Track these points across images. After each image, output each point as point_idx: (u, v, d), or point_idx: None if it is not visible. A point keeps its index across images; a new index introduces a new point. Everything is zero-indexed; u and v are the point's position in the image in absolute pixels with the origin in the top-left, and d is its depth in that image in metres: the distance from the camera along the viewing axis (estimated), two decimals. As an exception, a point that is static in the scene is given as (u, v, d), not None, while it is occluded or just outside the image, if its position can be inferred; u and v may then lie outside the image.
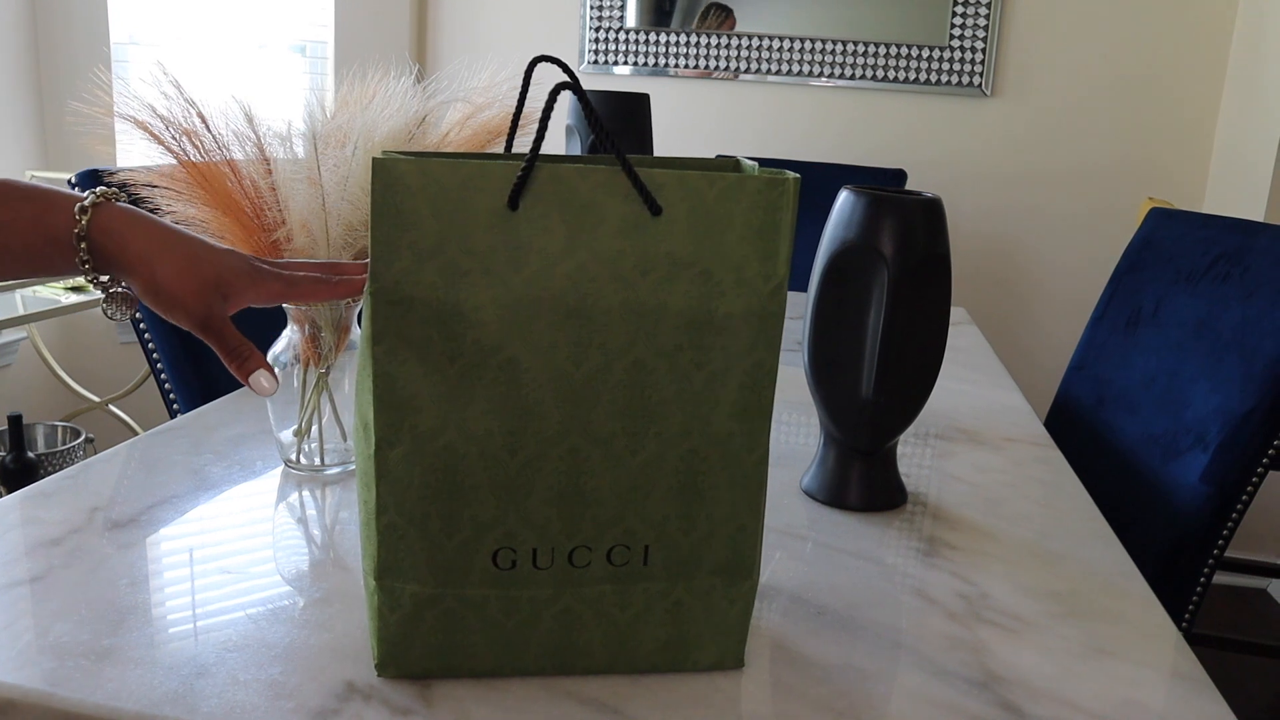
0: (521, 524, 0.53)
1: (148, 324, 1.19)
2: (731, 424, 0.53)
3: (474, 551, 0.53)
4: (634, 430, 0.52)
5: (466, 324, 0.50)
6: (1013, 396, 1.20)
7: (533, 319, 0.50)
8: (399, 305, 0.49)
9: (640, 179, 0.50)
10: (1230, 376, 1.08)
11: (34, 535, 0.69)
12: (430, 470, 0.51)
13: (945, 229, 0.78)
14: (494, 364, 0.50)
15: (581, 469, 0.52)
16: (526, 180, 0.49)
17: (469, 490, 0.52)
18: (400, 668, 0.54)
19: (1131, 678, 0.59)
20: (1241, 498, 1.04)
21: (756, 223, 0.51)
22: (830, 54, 2.29)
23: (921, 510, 0.84)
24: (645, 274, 0.51)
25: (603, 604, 0.55)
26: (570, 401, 0.51)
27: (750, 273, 0.52)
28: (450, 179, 0.48)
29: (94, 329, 2.46)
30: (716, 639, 0.57)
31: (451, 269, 0.49)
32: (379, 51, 2.40)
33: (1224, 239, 1.22)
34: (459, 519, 0.52)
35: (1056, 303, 2.36)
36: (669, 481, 0.53)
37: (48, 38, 2.29)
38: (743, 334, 0.52)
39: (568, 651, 0.55)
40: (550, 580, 0.54)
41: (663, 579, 0.55)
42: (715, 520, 0.55)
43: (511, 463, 0.52)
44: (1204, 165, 2.26)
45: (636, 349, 0.51)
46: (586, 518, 0.53)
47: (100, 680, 0.52)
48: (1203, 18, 2.19)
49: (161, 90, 0.75)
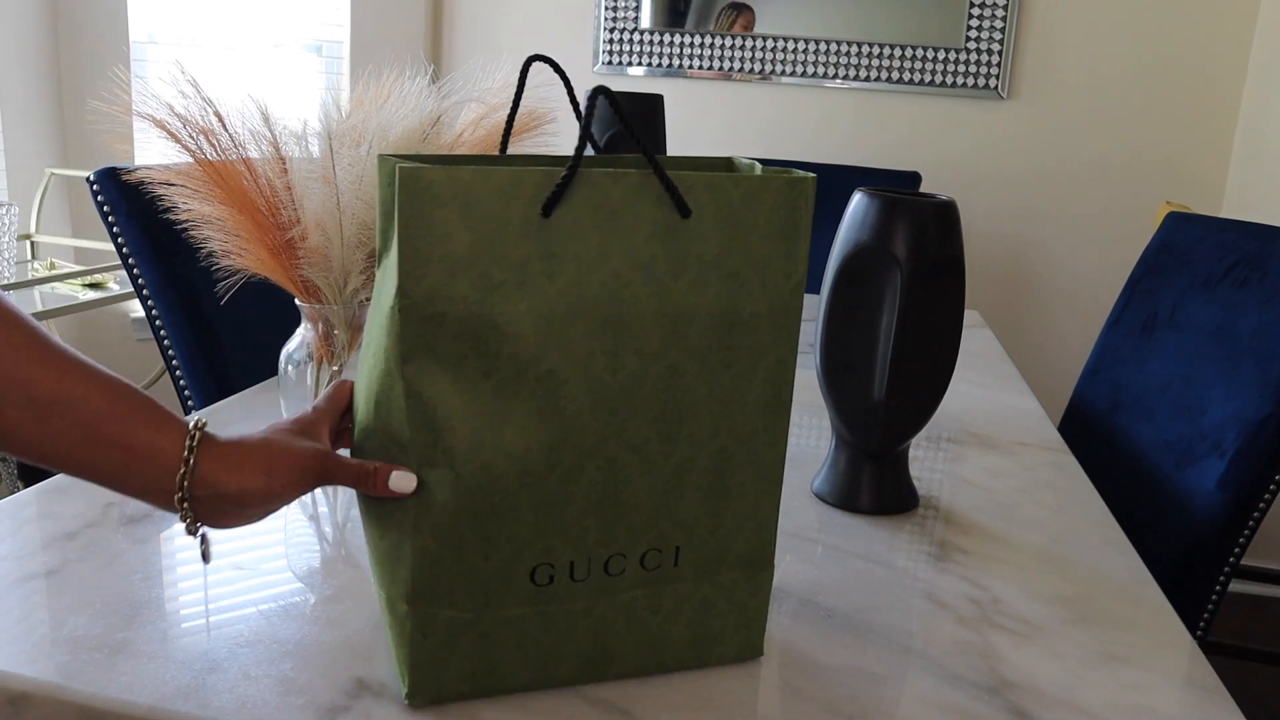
0: (559, 538, 0.52)
1: (163, 321, 1.20)
2: (756, 421, 0.54)
3: (512, 572, 0.51)
4: (667, 434, 0.52)
5: (502, 337, 0.48)
6: (1026, 400, 1.19)
7: (569, 328, 0.49)
8: (430, 322, 0.47)
9: (671, 181, 0.49)
10: (1248, 383, 1.07)
11: (49, 529, 0.70)
12: (467, 492, 0.49)
13: (959, 231, 0.78)
14: (531, 377, 0.49)
15: (618, 477, 0.52)
16: (567, 187, 0.47)
17: (506, 510, 0.50)
18: (432, 694, 0.52)
19: (1144, 685, 0.59)
20: (1258, 505, 1.03)
21: (779, 222, 0.52)
22: (845, 55, 2.28)
23: (933, 514, 0.83)
24: (677, 277, 0.51)
25: (635, 609, 0.54)
26: (608, 410, 0.51)
27: (774, 271, 0.52)
28: (482, 188, 0.46)
29: (110, 325, 2.48)
30: (739, 631, 0.57)
31: (485, 281, 0.47)
32: (394, 51, 2.41)
33: (1242, 244, 1.21)
34: (497, 540, 0.50)
35: (1071, 306, 2.34)
36: (699, 482, 0.54)
37: (68, 37, 2.31)
38: (766, 331, 0.53)
39: (600, 660, 0.55)
40: (586, 592, 0.53)
41: (691, 578, 0.55)
42: (741, 516, 0.56)
43: (550, 478, 0.50)
44: (1222, 169, 2.24)
45: (670, 353, 0.51)
46: (622, 525, 0.53)
47: (113, 674, 0.53)
48: (1222, 20, 2.17)
49: (179, 89, 0.76)
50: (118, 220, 1.17)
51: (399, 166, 0.46)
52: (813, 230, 2.09)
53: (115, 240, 1.17)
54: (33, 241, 2.21)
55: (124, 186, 1.16)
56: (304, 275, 0.79)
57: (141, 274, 1.18)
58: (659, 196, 0.49)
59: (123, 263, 1.18)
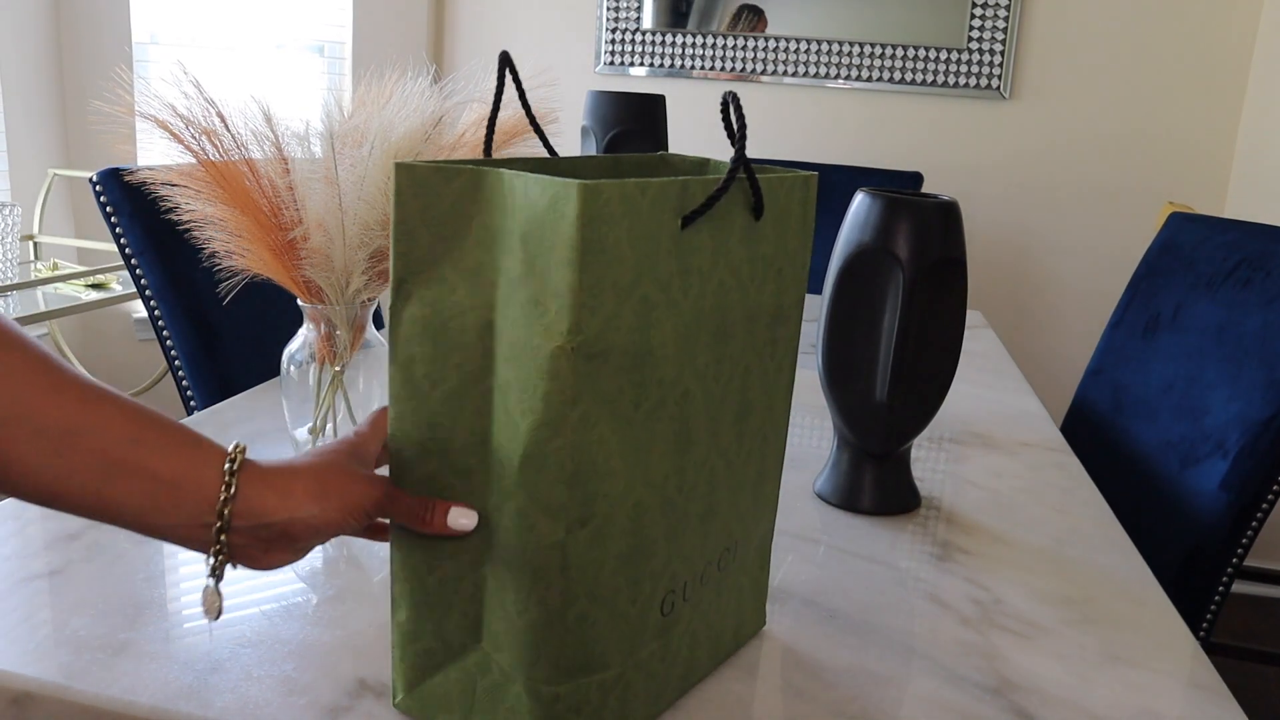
0: (682, 562, 0.49)
1: (166, 321, 1.20)
2: (782, 403, 0.56)
3: (649, 608, 0.48)
4: (741, 433, 0.53)
5: (654, 363, 0.44)
6: (1028, 401, 1.19)
7: (695, 343, 0.46)
8: (598, 359, 0.41)
9: (759, 185, 0.50)
10: (1251, 383, 1.07)
11: (53, 530, 0.70)
12: (622, 537, 0.45)
13: (961, 232, 0.78)
14: (671, 400, 0.45)
15: (715, 485, 0.51)
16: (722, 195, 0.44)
17: (649, 544, 0.46)
18: None
19: (1147, 686, 0.58)
20: (1261, 506, 1.03)
21: (802, 217, 0.54)
22: (847, 56, 2.28)
23: (935, 515, 0.83)
24: (753, 278, 0.51)
25: (709, 612, 0.54)
26: (712, 419, 0.49)
27: (799, 264, 0.55)
28: (642, 201, 0.41)
29: (113, 326, 2.49)
30: (754, 607, 0.59)
31: (644, 305, 0.43)
32: (396, 52, 2.41)
33: (1246, 244, 1.21)
34: (641, 581, 0.46)
35: (1074, 307, 2.34)
36: (750, 472, 0.55)
37: (71, 37, 2.31)
38: (794, 321, 0.55)
39: (691, 672, 0.53)
40: (690, 609, 0.51)
41: (736, 570, 0.56)
42: (769, 499, 0.57)
43: (679, 501, 0.48)
44: (1225, 169, 2.23)
45: (747, 354, 0.52)
46: (716, 533, 0.52)
47: (116, 674, 0.53)
48: (1225, 20, 2.17)
49: (182, 90, 0.76)
50: (120, 221, 1.17)
51: (578, 184, 0.39)
52: (815, 231, 2.09)
53: (118, 241, 1.17)
54: (35, 242, 2.21)
55: (127, 187, 1.16)
56: (306, 276, 0.79)
57: (144, 274, 1.18)
58: (745, 199, 0.49)
59: (125, 263, 1.18)
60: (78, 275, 2.00)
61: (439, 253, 0.43)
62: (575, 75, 2.46)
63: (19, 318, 1.78)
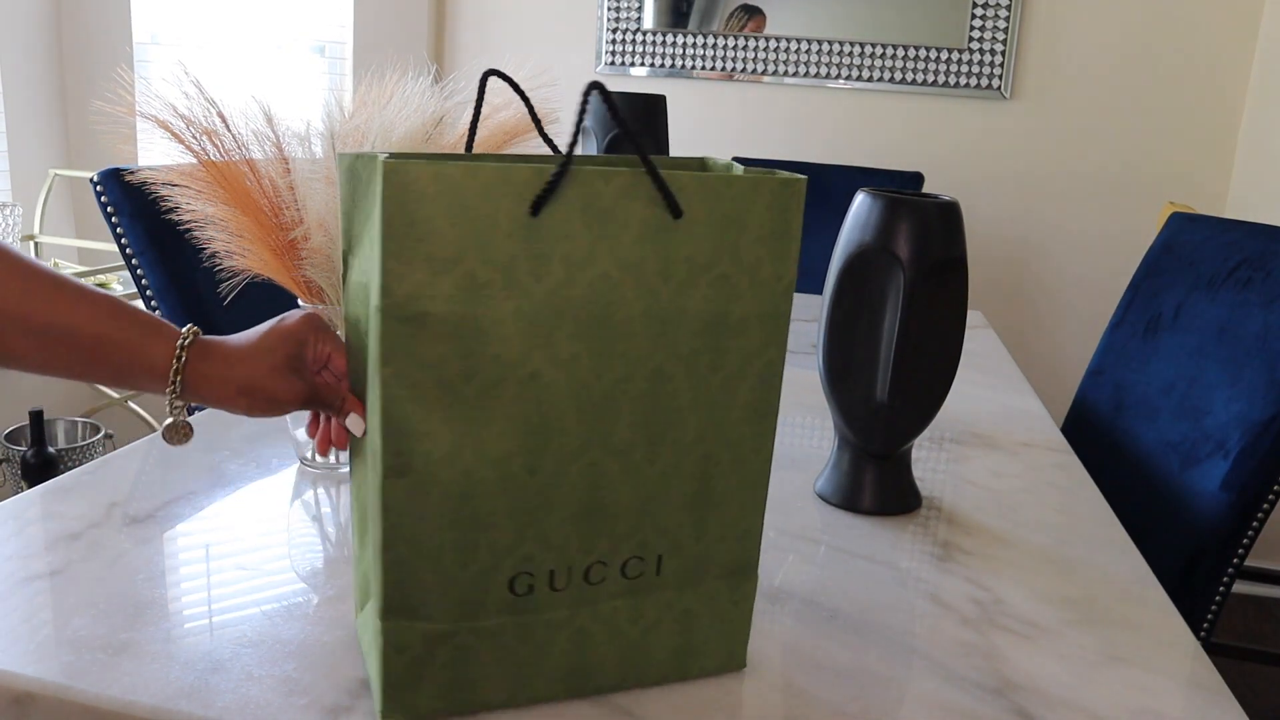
0: (540, 546, 0.51)
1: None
2: (744, 426, 0.53)
3: (490, 581, 0.50)
4: (652, 439, 0.51)
5: (486, 339, 0.47)
6: (1029, 401, 1.19)
7: (555, 330, 0.48)
8: (411, 323, 0.46)
9: (664, 181, 0.48)
10: (1252, 383, 1.07)
11: (54, 530, 0.70)
12: (445, 499, 0.48)
13: (962, 232, 0.78)
14: (515, 380, 0.48)
15: (600, 483, 0.51)
16: (557, 185, 0.46)
17: (485, 516, 0.49)
18: (408, 712, 0.51)
19: (1148, 686, 0.58)
20: (1262, 506, 1.03)
21: (770, 224, 0.51)
22: (848, 56, 2.28)
23: (936, 515, 0.83)
24: (667, 279, 0.50)
25: (616, 619, 0.53)
26: (592, 414, 0.50)
27: (764, 274, 0.52)
28: (469, 184, 0.45)
29: (114, 326, 2.48)
30: (722, 642, 0.56)
31: (470, 281, 0.46)
32: (397, 52, 2.41)
33: (1246, 244, 1.21)
34: (475, 548, 0.49)
35: (1074, 307, 2.34)
36: (684, 488, 0.53)
37: (71, 37, 2.32)
38: (756, 335, 0.52)
39: (580, 673, 0.54)
40: (566, 601, 0.52)
41: (673, 587, 0.54)
42: (725, 524, 0.54)
43: (531, 483, 0.49)
44: (1226, 169, 2.23)
45: (657, 356, 0.50)
46: (604, 533, 0.52)
47: (117, 674, 0.53)
48: (1226, 20, 2.17)
49: (182, 90, 0.76)
50: (121, 221, 1.17)
51: (383, 161, 0.44)
52: (815, 231, 2.09)
53: (119, 241, 1.17)
54: (36, 242, 2.21)
55: (127, 187, 1.16)
56: (306, 275, 0.79)
57: (145, 274, 1.18)
58: (651, 196, 0.48)
59: (126, 263, 1.18)
60: (79, 275, 2.00)
61: (359, 230, 0.51)
62: (575, 75, 2.46)
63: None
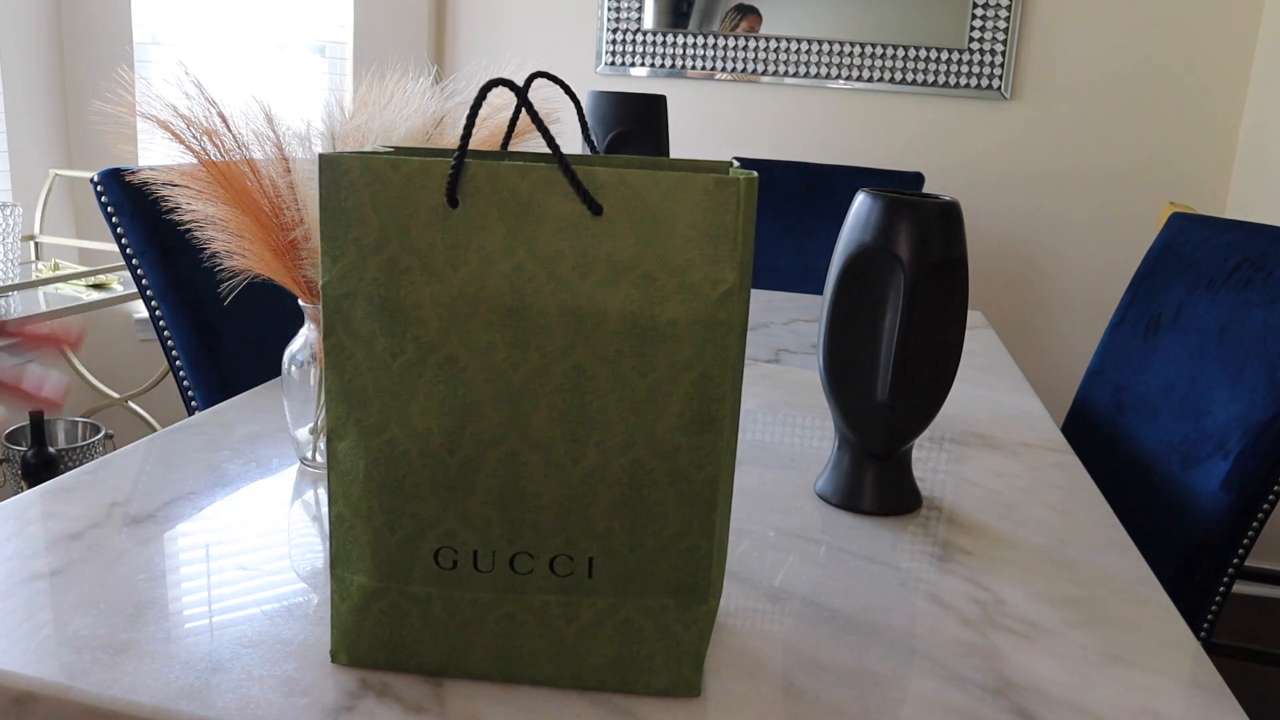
0: (462, 524, 0.53)
1: (167, 322, 1.20)
2: (678, 437, 0.51)
3: (416, 548, 0.53)
4: (575, 437, 0.51)
5: (407, 321, 0.51)
6: (1030, 401, 1.19)
7: (470, 317, 0.51)
8: (345, 300, 0.51)
9: (578, 177, 0.48)
10: (1252, 384, 1.07)
11: (54, 530, 0.70)
12: (374, 464, 0.52)
13: (962, 232, 0.78)
14: (434, 361, 0.51)
15: (521, 473, 0.52)
16: (459, 176, 0.49)
17: (410, 487, 0.52)
18: (351, 656, 0.55)
19: (1149, 687, 0.58)
20: (1263, 506, 1.03)
21: (704, 225, 0.49)
22: (848, 56, 2.28)
23: (936, 515, 0.83)
24: (584, 276, 0.49)
25: (548, 614, 0.54)
26: (509, 403, 0.51)
27: (696, 277, 0.49)
28: (393, 176, 0.49)
29: (114, 327, 2.49)
30: (669, 663, 0.54)
31: (393, 265, 0.50)
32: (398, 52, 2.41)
33: (1247, 244, 1.21)
34: (401, 514, 0.53)
35: (1075, 307, 2.34)
36: (612, 493, 0.52)
37: (71, 37, 2.32)
38: (687, 342, 0.50)
39: (513, 658, 0.54)
40: (492, 584, 0.54)
41: (609, 594, 0.53)
42: (664, 538, 0.53)
43: (451, 461, 0.52)
44: (1227, 170, 2.23)
45: (576, 353, 0.50)
46: (527, 523, 0.53)
47: (117, 674, 0.53)
48: (1226, 20, 2.17)
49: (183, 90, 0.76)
50: (121, 221, 1.17)
51: (320, 154, 0.50)
52: (815, 231, 2.09)
53: (119, 241, 1.17)
54: (36, 242, 2.21)
55: (128, 187, 1.16)
56: (307, 276, 0.79)
57: (145, 275, 1.18)
58: (569, 192, 0.49)
59: (126, 263, 1.18)
60: (79, 275, 2.00)
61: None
62: (576, 75, 2.46)
63: (19, 318, 1.79)
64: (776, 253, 2.11)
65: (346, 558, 0.54)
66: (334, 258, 0.51)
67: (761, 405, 1.11)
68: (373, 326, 0.51)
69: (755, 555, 0.73)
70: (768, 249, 2.11)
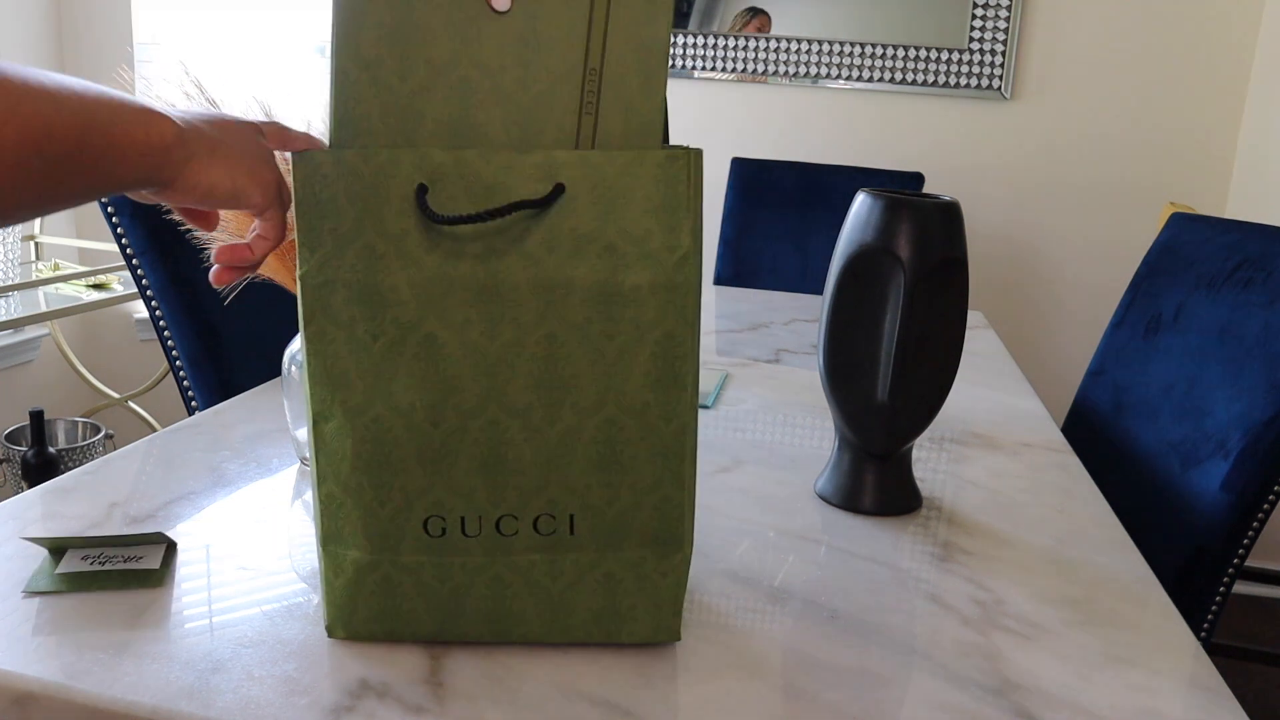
0: (449, 493, 0.55)
1: (167, 322, 1.20)
2: (646, 394, 0.55)
3: (406, 520, 0.55)
4: (550, 401, 0.55)
5: (385, 303, 0.53)
6: (1030, 401, 1.19)
7: (446, 297, 0.53)
8: (324, 288, 0.53)
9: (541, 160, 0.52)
10: (1252, 384, 1.07)
11: (54, 530, 0.70)
12: (361, 442, 0.54)
13: (963, 232, 0.78)
14: (413, 340, 0.53)
15: (502, 439, 0.55)
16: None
17: (397, 461, 0.55)
18: (348, 630, 0.57)
19: (1149, 687, 0.58)
20: (1263, 506, 1.03)
21: (658, 197, 0.53)
22: (848, 56, 2.28)
23: (936, 515, 0.83)
24: (552, 250, 0.53)
25: (534, 573, 0.57)
26: (487, 375, 0.54)
27: (654, 245, 0.54)
28: (363, 168, 0.52)
29: (114, 327, 2.49)
30: (650, 611, 0.58)
31: (369, 252, 0.53)
32: (398, 52, 2.41)
33: (1247, 245, 1.21)
34: (390, 488, 0.55)
35: (1075, 307, 2.34)
36: (588, 451, 0.55)
37: (72, 37, 2.32)
38: (650, 305, 0.54)
39: (503, 618, 0.57)
40: (480, 548, 0.56)
41: (591, 549, 0.57)
42: (639, 490, 0.56)
43: (435, 434, 0.54)
44: (1227, 170, 2.23)
45: (548, 323, 0.54)
46: (510, 486, 0.55)
47: (118, 674, 0.53)
48: (1226, 20, 2.17)
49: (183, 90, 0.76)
50: (122, 221, 1.17)
51: (293, 153, 0.53)
52: (815, 231, 2.09)
53: (119, 241, 1.17)
54: (37, 242, 2.21)
55: (128, 187, 1.16)
56: (307, 276, 0.79)
57: (145, 274, 1.18)
58: (530, 174, 0.53)
59: (126, 263, 1.18)
60: (79, 275, 2.00)
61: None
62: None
63: (20, 319, 1.79)
64: (776, 253, 2.11)
65: (339, 534, 0.56)
66: (311, 248, 0.53)
67: (761, 405, 1.11)
68: (353, 311, 0.53)
69: (755, 555, 0.73)
70: (768, 249, 2.11)
